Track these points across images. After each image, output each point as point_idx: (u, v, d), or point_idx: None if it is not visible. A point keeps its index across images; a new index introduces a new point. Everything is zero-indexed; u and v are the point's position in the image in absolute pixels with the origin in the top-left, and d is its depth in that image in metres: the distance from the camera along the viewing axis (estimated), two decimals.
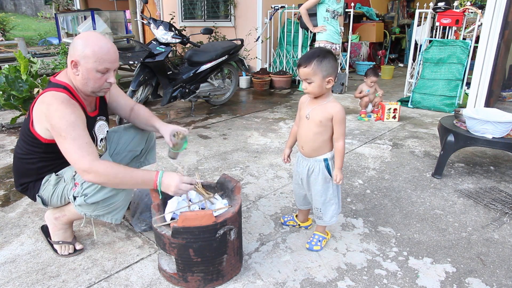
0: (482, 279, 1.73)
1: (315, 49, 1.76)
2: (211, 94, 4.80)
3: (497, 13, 3.82)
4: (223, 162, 3.11)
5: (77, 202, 1.66)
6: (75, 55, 1.60)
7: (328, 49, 1.77)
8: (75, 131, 1.54)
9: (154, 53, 3.94)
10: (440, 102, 4.80)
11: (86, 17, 6.97)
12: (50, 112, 1.55)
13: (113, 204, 1.68)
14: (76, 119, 1.56)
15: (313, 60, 1.65)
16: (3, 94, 3.64)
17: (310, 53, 1.69)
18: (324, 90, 1.71)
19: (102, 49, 1.60)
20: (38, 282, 1.68)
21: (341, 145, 1.76)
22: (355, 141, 3.64)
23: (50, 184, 1.75)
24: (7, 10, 18.31)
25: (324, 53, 1.67)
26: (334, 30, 4.30)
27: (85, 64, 1.60)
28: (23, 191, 1.83)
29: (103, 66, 1.62)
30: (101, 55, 1.60)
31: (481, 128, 2.55)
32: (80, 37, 1.63)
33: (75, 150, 1.53)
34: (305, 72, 1.67)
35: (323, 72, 1.65)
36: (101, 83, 1.67)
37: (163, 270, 1.70)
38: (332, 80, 1.69)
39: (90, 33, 1.65)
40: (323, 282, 1.70)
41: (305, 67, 1.66)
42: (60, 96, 1.58)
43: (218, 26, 7.01)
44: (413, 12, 6.71)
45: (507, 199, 2.47)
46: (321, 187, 1.84)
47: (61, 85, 1.64)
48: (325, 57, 1.66)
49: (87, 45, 1.58)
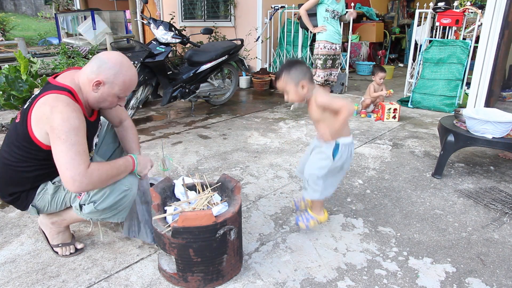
0: (482, 279, 1.73)
1: (283, 63, 1.96)
2: (211, 94, 4.81)
3: (497, 13, 3.82)
4: (223, 162, 3.11)
5: (86, 210, 1.65)
6: (103, 76, 1.58)
7: (294, 59, 1.96)
8: (76, 137, 1.48)
9: (154, 53, 3.94)
10: (440, 102, 4.80)
11: (86, 17, 6.99)
12: (53, 113, 1.47)
13: (121, 206, 1.69)
14: (80, 125, 1.51)
15: (282, 73, 1.85)
16: (3, 94, 3.64)
17: (280, 68, 1.89)
18: (301, 95, 1.86)
19: (132, 81, 1.65)
20: (38, 282, 1.68)
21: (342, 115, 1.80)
22: (355, 141, 3.64)
23: (48, 194, 1.69)
24: (7, 10, 18.30)
25: (290, 64, 1.85)
26: (334, 30, 4.30)
27: (110, 89, 1.61)
28: (12, 201, 1.71)
29: (125, 94, 1.67)
30: (128, 87, 1.65)
31: (481, 128, 2.55)
32: (112, 60, 1.60)
33: (71, 156, 1.46)
34: (280, 86, 1.88)
35: (294, 80, 1.83)
36: (114, 105, 1.70)
37: (163, 270, 1.70)
38: (306, 83, 1.83)
39: (123, 60, 1.63)
40: (323, 282, 1.70)
41: (277, 81, 1.88)
42: (64, 99, 1.51)
43: (218, 26, 7.01)
44: (413, 12, 6.70)
45: (507, 199, 2.47)
46: (315, 159, 1.96)
47: (64, 88, 1.56)
48: (291, 66, 1.83)
49: (120, 73, 1.60)
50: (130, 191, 1.68)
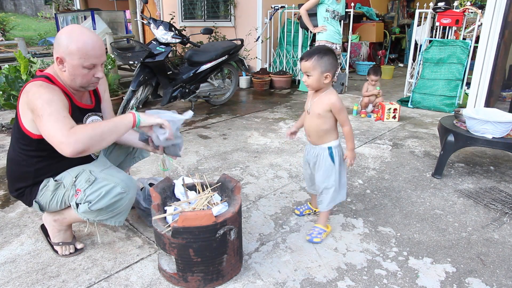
0: (482, 279, 1.73)
1: (318, 46, 1.87)
2: (211, 94, 4.81)
3: (497, 13, 3.82)
4: (223, 162, 3.11)
5: (81, 210, 1.64)
6: (60, 51, 1.55)
7: (330, 48, 1.89)
8: (50, 107, 1.47)
9: (154, 53, 3.94)
10: (440, 102, 4.80)
11: (86, 17, 6.98)
12: (29, 98, 1.51)
13: (117, 208, 1.67)
14: (52, 97, 1.50)
15: (314, 55, 1.78)
16: (3, 94, 3.64)
17: (313, 49, 1.85)
18: (322, 84, 1.85)
19: (86, 45, 1.54)
20: (38, 282, 1.68)
21: (348, 129, 1.89)
22: (355, 141, 3.64)
23: (49, 190, 1.72)
24: (7, 10, 18.30)
25: (325, 50, 1.82)
26: (334, 30, 4.30)
27: (71, 61, 1.55)
28: (18, 196, 1.78)
29: (89, 62, 1.57)
30: (86, 51, 1.54)
31: (481, 128, 2.55)
32: (63, 32, 1.57)
33: (52, 124, 1.43)
34: (306, 66, 1.81)
35: (322, 68, 1.79)
36: (89, 78, 1.63)
37: (163, 270, 1.70)
38: (330, 76, 1.82)
39: (74, 28, 1.59)
40: (323, 282, 1.70)
41: (306, 61, 1.80)
42: (38, 83, 1.55)
43: (218, 26, 7.01)
44: (413, 12, 6.71)
45: (507, 199, 2.47)
46: (323, 173, 1.96)
47: (42, 75, 1.61)
48: (326, 54, 1.79)
49: (71, 40, 1.53)
50: (126, 194, 1.66)
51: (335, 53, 1.87)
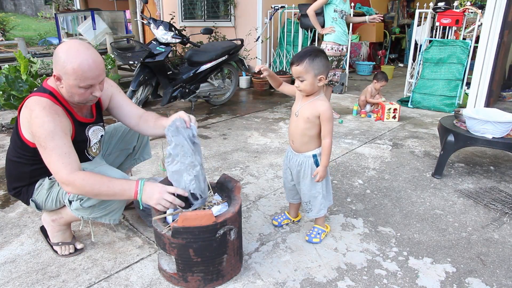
0: (482, 279, 1.73)
1: (307, 48, 1.83)
2: (211, 94, 4.81)
3: (497, 13, 3.82)
4: (223, 162, 3.11)
5: (73, 207, 1.65)
6: (57, 68, 1.52)
7: (320, 48, 1.83)
8: (53, 141, 1.48)
9: (154, 53, 3.94)
10: (440, 102, 4.80)
11: (86, 17, 6.97)
12: (31, 118, 1.51)
13: (109, 206, 1.68)
14: (55, 128, 1.49)
15: (305, 58, 1.69)
16: (3, 94, 3.64)
17: (302, 52, 1.74)
18: (315, 88, 1.76)
19: (82, 66, 1.48)
20: (38, 282, 1.68)
21: (328, 143, 1.80)
22: (355, 141, 3.64)
23: (44, 189, 1.73)
24: (7, 10, 18.30)
25: (316, 52, 1.73)
26: (342, 31, 4.22)
27: (67, 80, 1.52)
28: (16, 195, 1.80)
29: (86, 83, 1.52)
30: (82, 73, 1.49)
31: (481, 128, 2.55)
32: (61, 49, 1.52)
33: (53, 161, 1.49)
34: (298, 70, 1.72)
35: (315, 70, 1.70)
36: (86, 96, 1.58)
37: (163, 270, 1.70)
38: (324, 78, 1.74)
39: (71, 45, 1.52)
40: (323, 282, 1.70)
41: (298, 65, 1.71)
42: (42, 102, 1.52)
43: (218, 26, 7.01)
44: (413, 12, 6.70)
45: (507, 199, 2.47)
46: (309, 182, 1.90)
47: (47, 90, 1.59)
48: (317, 55, 1.71)
49: (67, 60, 1.48)
50: None
51: (325, 52, 1.79)
